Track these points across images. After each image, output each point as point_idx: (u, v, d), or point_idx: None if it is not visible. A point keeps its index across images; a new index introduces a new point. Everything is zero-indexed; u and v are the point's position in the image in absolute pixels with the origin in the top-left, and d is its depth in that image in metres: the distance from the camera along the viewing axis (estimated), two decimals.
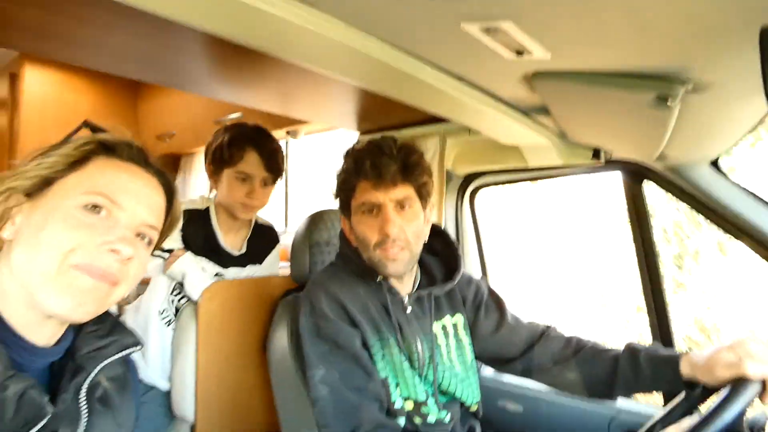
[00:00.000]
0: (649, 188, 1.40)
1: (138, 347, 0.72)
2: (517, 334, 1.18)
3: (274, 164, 1.45)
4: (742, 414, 0.75)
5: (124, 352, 0.71)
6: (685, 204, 1.32)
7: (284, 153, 1.53)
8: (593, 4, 0.51)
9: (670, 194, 1.33)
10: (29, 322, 0.61)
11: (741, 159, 2.88)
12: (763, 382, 0.79)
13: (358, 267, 1.12)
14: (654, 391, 1.03)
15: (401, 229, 1.04)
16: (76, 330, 0.69)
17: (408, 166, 1.05)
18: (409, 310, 1.12)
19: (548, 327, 1.19)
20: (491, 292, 1.25)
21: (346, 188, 1.10)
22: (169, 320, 1.44)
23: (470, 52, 0.71)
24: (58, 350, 0.65)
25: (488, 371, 1.78)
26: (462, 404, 1.15)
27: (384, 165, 1.03)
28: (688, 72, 0.65)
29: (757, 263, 1.22)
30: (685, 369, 0.91)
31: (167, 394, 1.43)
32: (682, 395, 0.88)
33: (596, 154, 1.36)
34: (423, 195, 1.09)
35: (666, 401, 1.42)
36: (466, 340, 1.19)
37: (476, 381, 1.18)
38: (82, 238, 0.60)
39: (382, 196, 1.04)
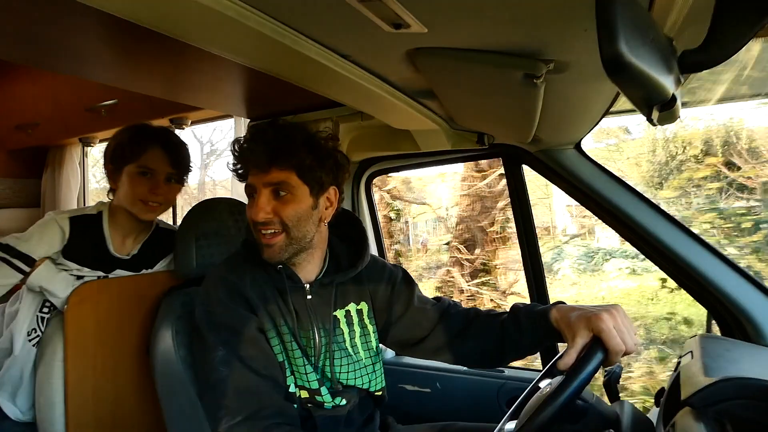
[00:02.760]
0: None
1: None
2: (425, 314, 1.20)
3: (179, 159, 1.37)
4: (592, 375, 0.84)
5: None
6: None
7: (188, 150, 1.43)
8: None
9: (542, 176, 1.46)
10: None
11: None
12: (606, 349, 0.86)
13: (260, 253, 1.08)
14: (536, 347, 1.12)
15: (274, 213, 1.02)
16: None
17: (280, 149, 1.03)
18: (309, 297, 1.10)
19: (451, 303, 1.22)
20: (404, 277, 1.26)
21: (240, 174, 1.08)
22: (38, 339, 1.27)
23: (352, 26, 0.71)
24: None
25: (388, 354, 1.82)
26: (360, 390, 1.16)
27: (253, 150, 1.02)
28: (549, 51, 0.71)
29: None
30: (553, 318, 1.00)
31: (28, 427, 1.26)
32: (555, 358, 0.97)
33: (480, 139, 1.45)
34: (308, 178, 1.05)
35: (544, 365, 1.57)
36: (370, 327, 1.19)
37: (381, 368, 1.19)
38: None
39: (257, 180, 1.03)
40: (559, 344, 1.42)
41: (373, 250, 1.88)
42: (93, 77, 1.44)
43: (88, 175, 2.80)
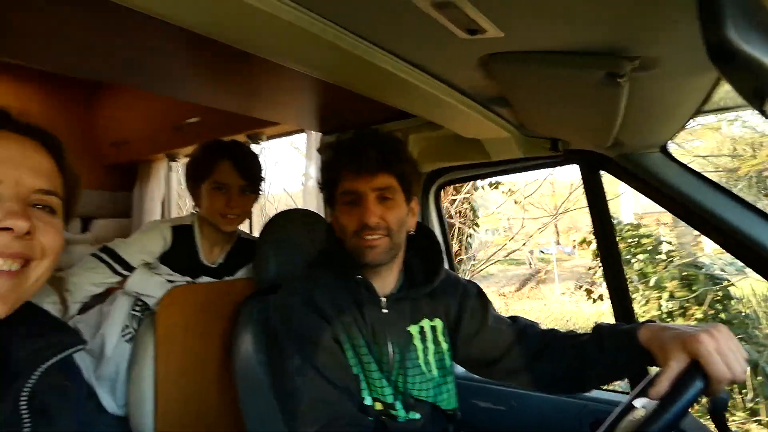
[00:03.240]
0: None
1: (81, 346, 0.66)
2: (500, 335, 1.16)
3: (248, 171, 1.45)
4: (689, 406, 0.75)
5: (66, 353, 0.64)
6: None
7: (258, 160, 1.51)
8: None
9: (623, 182, 1.37)
10: None
11: None
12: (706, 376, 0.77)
13: (340, 264, 1.10)
14: (622, 371, 1.02)
15: (382, 217, 1.04)
16: (6, 334, 0.61)
17: (388, 155, 1.06)
18: (384, 311, 1.10)
19: (528, 325, 1.17)
20: (479, 294, 1.23)
21: (329, 180, 1.10)
22: (131, 336, 1.38)
23: (425, 34, 0.71)
24: None
25: (461, 369, 1.78)
26: (433, 405, 1.13)
27: (363, 154, 1.04)
28: (634, 47, 0.67)
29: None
30: (642, 338, 0.92)
31: (122, 421, 1.36)
32: (644, 381, 0.89)
33: (554, 145, 1.39)
34: (406, 186, 1.09)
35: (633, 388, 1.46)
36: (444, 345, 1.16)
37: (454, 386, 1.16)
38: None
39: (363, 185, 1.05)
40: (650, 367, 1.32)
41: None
42: (178, 96, 1.57)
43: (174, 189, 3.02)
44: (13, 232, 0.55)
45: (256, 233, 1.61)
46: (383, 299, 1.10)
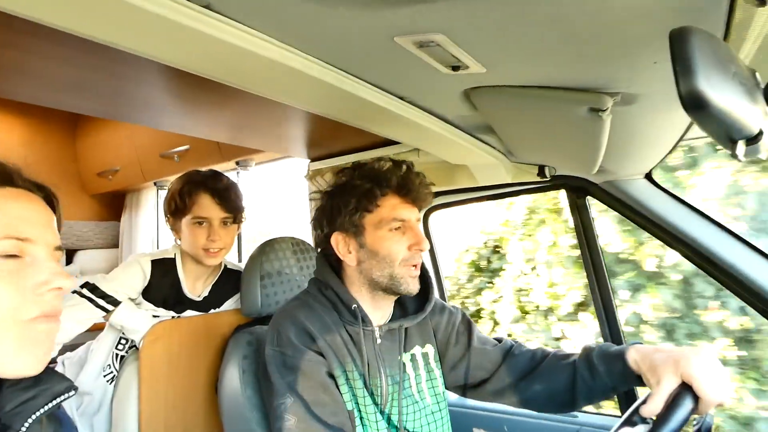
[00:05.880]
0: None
1: (72, 393, 0.64)
2: (486, 356, 1.15)
3: (229, 203, 1.40)
4: (681, 426, 0.76)
5: (55, 401, 0.62)
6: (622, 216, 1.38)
7: (238, 189, 1.48)
8: (520, 18, 0.53)
9: (609, 208, 1.38)
10: None
11: None
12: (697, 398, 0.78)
13: (334, 293, 1.08)
14: (610, 391, 1.01)
15: None
16: None
17: (427, 188, 1.09)
18: (378, 341, 1.08)
19: (514, 344, 1.17)
20: (463, 318, 1.22)
21: (364, 201, 1.06)
22: (113, 377, 1.35)
23: (409, 70, 0.72)
24: None
25: (454, 397, 1.76)
26: None
27: (418, 182, 1.06)
28: (615, 84, 0.69)
29: None
30: (631, 360, 0.92)
31: None
32: (636, 403, 0.89)
33: (541, 171, 1.40)
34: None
35: (622, 411, 1.44)
36: (437, 371, 1.15)
37: (447, 413, 1.15)
38: (16, 292, 0.55)
39: (412, 213, 1.07)
40: (638, 388, 1.31)
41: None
42: (165, 127, 1.56)
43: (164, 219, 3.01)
44: (62, 291, 0.58)
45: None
46: (377, 329, 1.08)
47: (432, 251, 1.87)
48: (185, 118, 1.46)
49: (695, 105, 0.36)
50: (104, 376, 1.34)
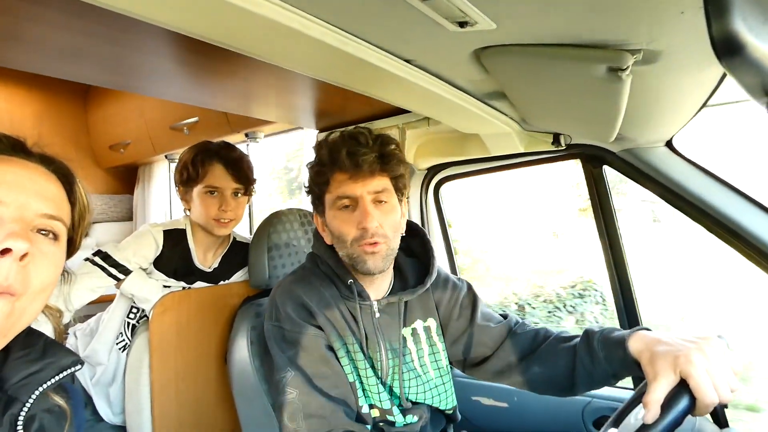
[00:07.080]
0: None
1: (78, 366, 0.63)
2: (487, 333, 1.12)
3: (241, 174, 1.41)
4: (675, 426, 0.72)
5: (62, 374, 0.61)
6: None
7: (249, 161, 1.47)
8: None
9: (628, 178, 1.32)
10: None
11: None
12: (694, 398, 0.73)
13: (330, 268, 1.06)
14: (611, 379, 0.96)
15: (379, 223, 0.98)
16: (1, 358, 0.60)
17: (385, 156, 1.00)
18: (377, 315, 1.06)
19: (518, 322, 1.14)
20: (469, 292, 1.19)
21: (319, 182, 1.03)
22: (125, 345, 1.36)
23: (414, 28, 0.68)
24: None
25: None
26: (431, 406, 1.11)
27: (361, 155, 0.97)
28: (636, 39, 0.63)
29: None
30: (632, 348, 0.86)
31: (120, 430, 1.35)
32: (629, 399, 0.84)
33: (556, 139, 1.35)
34: (399, 187, 1.04)
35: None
36: (440, 345, 1.13)
37: (451, 386, 1.14)
38: None
39: (360, 188, 0.98)
40: None
41: (444, 261, 1.82)
42: (172, 97, 1.54)
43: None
44: (11, 254, 0.52)
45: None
46: (375, 303, 1.07)
47: (442, 222, 1.84)
48: (192, 87, 1.43)
49: (728, 50, 0.31)
50: (117, 344, 1.37)
